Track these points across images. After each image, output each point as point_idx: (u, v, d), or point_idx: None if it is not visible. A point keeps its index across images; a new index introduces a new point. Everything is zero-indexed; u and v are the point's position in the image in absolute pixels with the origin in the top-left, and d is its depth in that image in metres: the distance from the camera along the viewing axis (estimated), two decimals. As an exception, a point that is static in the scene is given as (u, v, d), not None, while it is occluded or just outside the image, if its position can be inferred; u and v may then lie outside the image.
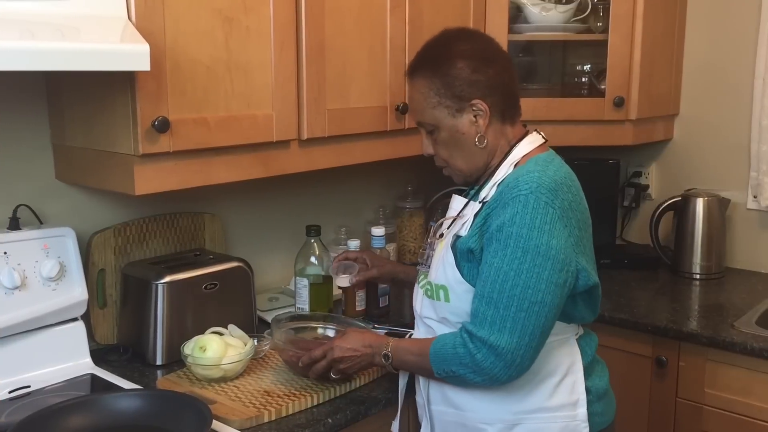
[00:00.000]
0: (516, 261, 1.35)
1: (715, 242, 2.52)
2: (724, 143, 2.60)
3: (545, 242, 1.35)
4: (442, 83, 1.46)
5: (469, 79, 1.45)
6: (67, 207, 1.80)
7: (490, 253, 1.38)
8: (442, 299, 1.48)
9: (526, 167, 1.44)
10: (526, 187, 1.37)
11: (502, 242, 1.36)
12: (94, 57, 1.30)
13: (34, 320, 1.64)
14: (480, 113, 1.46)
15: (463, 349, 1.39)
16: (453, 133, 1.49)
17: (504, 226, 1.36)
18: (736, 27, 2.54)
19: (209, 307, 1.82)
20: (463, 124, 1.47)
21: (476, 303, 1.39)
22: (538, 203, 1.36)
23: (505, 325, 1.35)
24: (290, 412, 1.55)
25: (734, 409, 2.01)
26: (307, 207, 2.34)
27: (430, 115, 1.49)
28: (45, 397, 1.57)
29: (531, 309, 1.35)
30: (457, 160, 1.52)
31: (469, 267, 1.44)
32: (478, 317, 1.38)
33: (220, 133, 1.63)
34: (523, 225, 1.35)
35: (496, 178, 1.47)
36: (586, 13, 2.41)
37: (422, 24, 2.07)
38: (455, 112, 1.47)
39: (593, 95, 2.53)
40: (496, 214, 1.39)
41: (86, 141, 1.64)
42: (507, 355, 1.36)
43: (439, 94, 1.46)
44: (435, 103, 1.47)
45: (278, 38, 1.71)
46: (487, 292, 1.37)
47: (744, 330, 2.02)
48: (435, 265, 1.52)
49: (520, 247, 1.35)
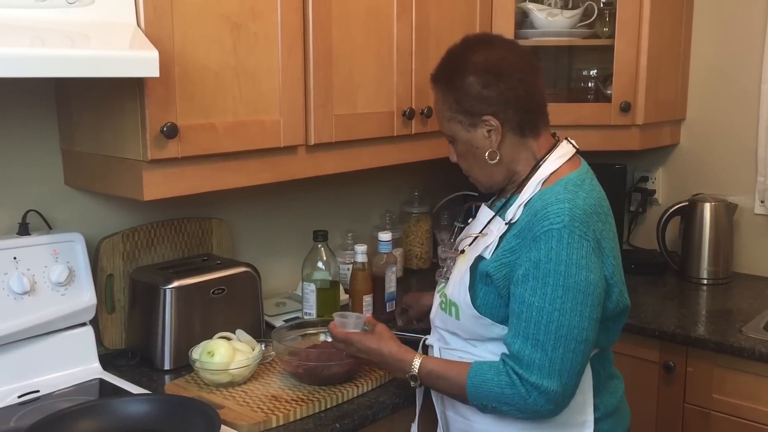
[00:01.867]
0: (558, 300, 1.32)
1: (723, 247, 2.51)
2: (731, 148, 2.60)
3: (584, 278, 1.33)
4: (454, 98, 1.45)
5: (479, 95, 1.42)
6: (76, 212, 1.81)
7: (528, 291, 1.34)
8: (453, 316, 1.48)
9: (554, 191, 1.39)
10: (558, 220, 1.33)
11: (540, 280, 1.33)
12: (103, 63, 1.31)
13: (43, 325, 1.65)
14: (492, 129, 1.43)
15: (511, 390, 1.35)
16: (468, 146, 1.48)
17: (540, 263, 1.33)
18: (742, 31, 2.53)
19: (217, 312, 1.83)
20: (477, 138, 1.46)
21: (520, 344, 1.35)
22: (572, 237, 1.33)
23: (555, 368, 1.33)
24: (298, 417, 1.55)
25: (742, 415, 2.00)
26: (314, 212, 2.35)
27: (447, 127, 1.49)
28: (54, 402, 1.58)
29: (577, 348, 1.34)
30: (476, 172, 1.51)
31: (485, 291, 1.41)
32: (525, 360, 1.34)
33: (228, 139, 1.63)
34: (560, 261, 1.32)
35: (522, 198, 1.43)
36: (592, 19, 2.41)
37: (429, 29, 2.08)
38: (468, 126, 1.45)
39: (600, 100, 2.53)
40: (526, 247, 1.36)
41: (95, 147, 1.65)
42: (558, 398, 1.35)
43: (452, 108, 1.46)
44: (449, 116, 1.47)
45: (286, 44, 1.72)
46: (531, 333, 1.34)
47: (752, 335, 2.01)
48: (453, 279, 1.50)
49: (560, 285, 1.32)
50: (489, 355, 1.45)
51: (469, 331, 1.46)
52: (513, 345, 1.36)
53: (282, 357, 1.69)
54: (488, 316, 1.41)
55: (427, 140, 2.14)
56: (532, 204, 1.40)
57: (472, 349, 1.48)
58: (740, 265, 2.60)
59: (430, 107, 2.08)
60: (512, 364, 1.36)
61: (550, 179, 1.43)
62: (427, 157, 2.17)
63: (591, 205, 1.38)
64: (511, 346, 1.36)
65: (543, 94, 1.48)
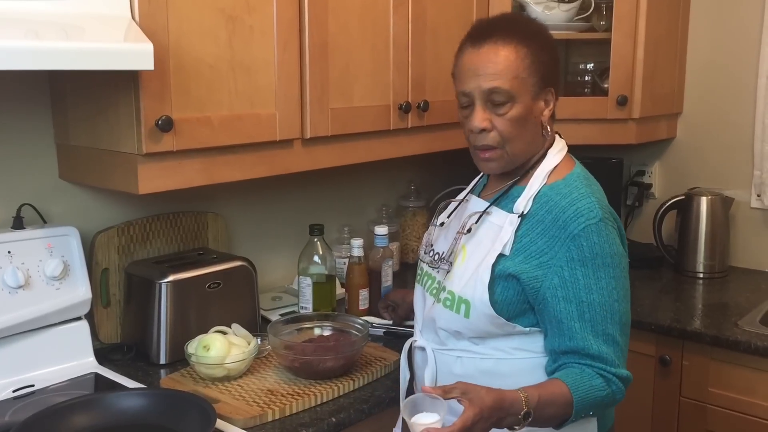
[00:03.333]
0: (614, 291, 1.36)
1: (719, 241, 2.51)
2: (728, 142, 2.60)
3: (624, 264, 1.39)
4: (536, 58, 1.38)
5: (555, 66, 1.42)
6: (71, 206, 1.81)
7: (583, 291, 1.34)
8: (462, 314, 1.42)
9: (571, 185, 1.40)
10: (593, 215, 1.35)
11: (592, 277, 1.34)
12: (97, 56, 1.31)
13: (37, 319, 1.64)
14: (549, 102, 1.42)
15: (609, 389, 1.36)
16: (526, 113, 1.40)
17: (587, 260, 1.34)
18: (739, 25, 2.53)
19: (213, 306, 1.82)
20: (537, 108, 1.41)
21: (595, 343, 1.34)
22: (608, 229, 1.36)
23: (625, 355, 1.39)
24: (294, 411, 1.55)
25: (738, 408, 2.00)
26: (310, 206, 2.34)
27: (515, 84, 1.37)
28: (49, 396, 1.58)
29: (628, 332, 1.41)
30: (517, 142, 1.41)
31: (504, 287, 1.39)
32: (609, 357, 1.35)
33: (223, 133, 1.63)
34: (606, 255, 1.35)
35: (531, 190, 1.41)
36: (589, 12, 2.41)
37: (425, 23, 2.07)
38: (535, 94, 1.40)
39: (596, 94, 2.53)
40: (562, 246, 1.35)
41: (90, 140, 1.64)
42: (629, 381, 1.40)
43: (530, 67, 1.37)
44: (525, 74, 1.37)
45: (281, 37, 1.71)
46: (601, 329, 1.35)
47: (748, 329, 2.02)
48: (460, 275, 1.44)
49: (611, 276, 1.35)
50: (493, 352, 1.43)
51: (476, 330, 1.43)
52: (590, 348, 1.35)
53: (278, 351, 1.69)
54: (504, 313, 1.39)
55: (423, 134, 2.14)
56: (546, 197, 1.39)
57: (475, 348, 1.44)
58: (736, 259, 2.60)
59: (426, 101, 2.08)
60: (601, 365, 1.36)
61: (555, 173, 1.43)
62: (424, 151, 2.17)
63: (604, 197, 1.43)
64: (588, 349, 1.35)
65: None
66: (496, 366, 1.43)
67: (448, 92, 2.00)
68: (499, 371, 1.43)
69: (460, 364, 1.46)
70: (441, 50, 2.12)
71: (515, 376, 1.42)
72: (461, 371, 1.46)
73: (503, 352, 1.43)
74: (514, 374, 1.42)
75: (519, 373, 1.42)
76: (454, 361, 1.47)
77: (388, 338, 1.92)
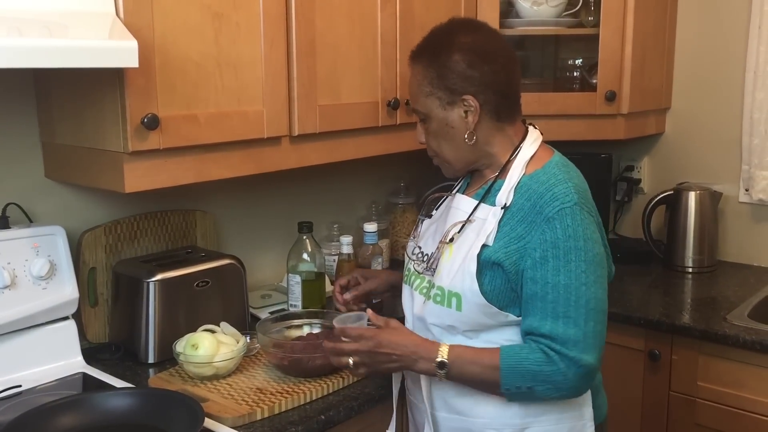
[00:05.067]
0: (583, 275, 1.35)
1: (708, 236, 2.52)
2: (716, 137, 2.61)
3: (598, 251, 1.39)
4: (436, 74, 1.45)
5: (464, 74, 1.43)
6: (57, 205, 1.79)
7: (551, 272, 1.35)
8: (454, 307, 1.43)
9: (549, 173, 1.42)
10: (568, 199, 1.37)
11: (561, 259, 1.35)
12: (81, 54, 1.29)
13: (24, 319, 1.63)
14: (470, 109, 1.44)
15: (549, 367, 1.35)
16: (442, 125, 1.48)
17: (558, 241, 1.35)
18: (727, 20, 2.54)
19: (201, 305, 1.82)
20: (452, 117, 1.46)
21: (551, 324, 1.35)
22: (583, 213, 1.38)
23: (589, 342, 1.36)
24: (283, 410, 1.54)
25: (727, 402, 2.01)
26: (299, 203, 2.34)
27: (423, 103, 1.49)
28: (36, 397, 1.57)
29: (603, 320, 1.39)
30: (445, 152, 1.51)
31: (491, 276, 1.40)
32: (560, 338, 1.34)
33: (210, 130, 1.62)
34: (578, 237, 1.35)
35: (511, 182, 1.44)
36: (577, 8, 2.41)
37: (413, 19, 2.07)
38: (446, 104, 1.46)
39: (585, 89, 2.53)
40: (537, 229, 1.37)
41: (75, 139, 1.63)
42: (594, 371, 1.38)
43: (432, 84, 1.46)
44: (428, 92, 1.47)
45: (268, 34, 1.70)
46: (561, 311, 1.35)
47: (736, 323, 2.03)
48: (448, 270, 1.45)
49: (582, 260, 1.35)
50: (489, 345, 1.42)
51: (469, 322, 1.43)
52: (542, 327, 1.36)
53: (267, 349, 1.68)
54: (495, 302, 1.40)
55: (412, 131, 2.09)
56: (526, 187, 1.42)
57: (469, 342, 1.44)
58: (725, 254, 2.61)
59: (414, 97, 2.07)
60: (547, 341, 1.36)
61: (533, 162, 1.46)
62: (413, 147, 2.15)
63: (581, 182, 1.45)
64: (540, 328, 1.36)
65: (519, 85, 1.51)
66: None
67: (436, 88, 1.99)
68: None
69: None
70: None
71: None
72: None
73: (497, 344, 1.42)
74: None
75: None
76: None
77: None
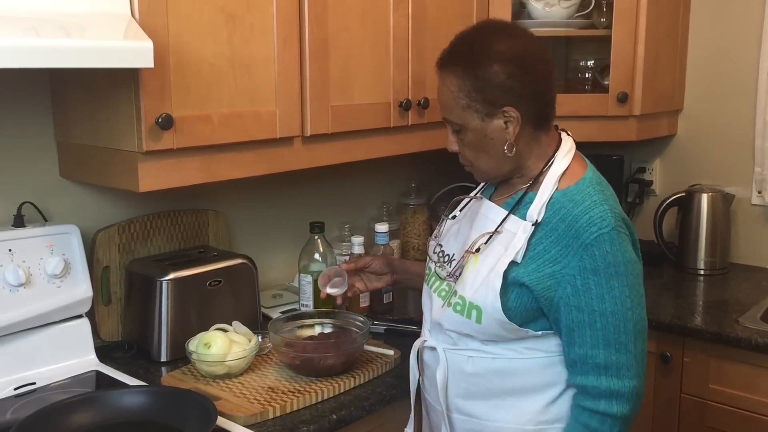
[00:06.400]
0: (627, 300, 1.34)
1: (720, 238, 2.51)
2: (729, 139, 2.60)
3: (638, 271, 1.37)
4: (473, 86, 1.37)
5: (504, 85, 1.36)
6: (72, 204, 1.81)
7: (595, 300, 1.33)
8: (473, 319, 1.40)
9: (584, 191, 1.38)
10: (605, 224, 1.33)
11: (604, 286, 1.33)
12: (97, 54, 1.30)
13: (39, 317, 1.64)
14: (511, 120, 1.38)
15: (593, 419, 1.37)
16: (480, 137, 1.41)
17: (599, 269, 1.32)
18: (740, 22, 2.53)
19: (213, 304, 1.82)
20: (492, 129, 1.39)
21: (604, 353, 1.34)
22: (620, 236, 1.34)
23: (639, 364, 1.36)
24: (295, 409, 1.55)
25: (739, 405, 2.00)
26: (310, 204, 2.34)
27: (458, 115, 1.41)
28: (50, 394, 1.58)
29: (646, 337, 1.39)
30: (482, 163, 1.45)
31: (517, 294, 1.37)
32: (613, 366, 1.34)
33: (223, 130, 1.63)
34: (619, 263, 1.33)
35: (543, 197, 1.39)
36: (589, 9, 2.40)
37: (425, 20, 2.07)
38: (485, 116, 1.38)
39: (597, 91, 2.52)
40: (574, 255, 1.33)
41: (90, 138, 1.64)
42: (642, 390, 1.38)
43: (470, 96, 1.38)
44: (464, 104, 1.39)
45: (281, 35, 1.71)
46: (613, 338, 1.33)
47: (749, 326, 2.02)
48: (472, 281, 1.42)
49: (625, 284, 1.34)
50: (505, 352, 1.41)
51: (488, 334, 1.41)
52: (597, 356, 1.34)
53: (279, 348, 1.69)
54: (515, 320, 1.37)
55: (423, 131, 2.14)
56: (559, 204, 1.37)
57: (485, 347, 1.43)
58: (737, 256, 2.60)
59: (426, 98, 2.08)
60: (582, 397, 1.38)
61: (566, 177, 1.41)
62: (424, 148, 2.17)
63: (617, 202, 1.41)
64: (595, 357, 1.34)
65: (555, 91, 1.45)
66: (508, 365, 1.42)
67: (448, 89, 1.99)
68: (511, 370, 1.42)
69: (472, 364, 1.45)
70: (441, 47, 2.06)
71: (527, 374, 1.42)
72: (473, 370, 1.45)
73: (515, 351, 1.41)
74: (525, 373, 1.42)
75: (531, 371, 1.42)
76: (466, 360, 1.45)
77: (389, 335, 1.92)
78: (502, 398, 1.43)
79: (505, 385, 1.43)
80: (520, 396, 1.42)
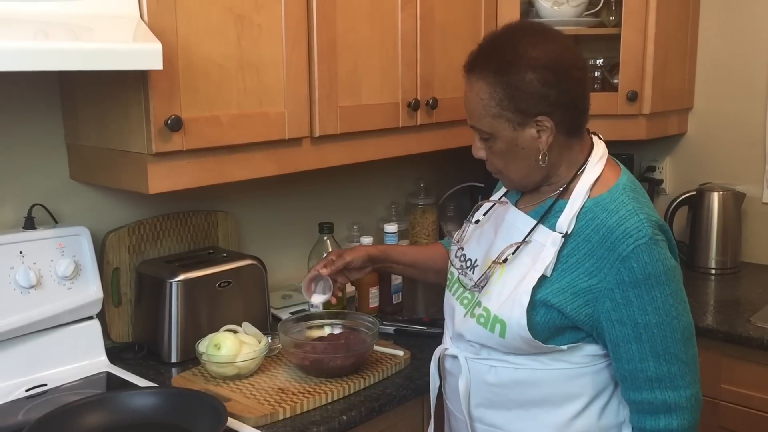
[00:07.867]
0: (672, 309, 1.30)
1: (731, 237, 2.50)
2: (739, 137, 2.58)
3: (678, 277, 1.33)
4: (505, 94, 1.30)
5: (537, 94, 1.29)
6: (82, 206, 1.81)
7: (638, 312, 1.29)
8: (497, 333, 1.36)
9: (617, 199, 1.33)
10: (642, 234, 1.28)
11: (646, 297, 1.28)
12: (107, 56, 1.31)
13: (49, 319, 1.65)
14: (544, 129, 1.32)
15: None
16: (511, 146, 1.35)
17: (639, 281, 1.28)
18: (750, 19, 2.51)
19: (223, 305, 1.83)
20: (523, 138, 1.33)
21: (654, 365, 1.30)
22: (658, 246, 1.29)
23: (692, 369, 1.33)
24: (305, 410, 1.55)
25: (751, 405, 1.99)
26: (319, 204, 2.34)
27: (488, 123, 1.34)
28: (61, 396, 1.59)
29: (695, 341, 1.35)
30: (512, 172, 1.39)
31: (545, 312, 1.33)
32: (666, 378, 1.30)
33: (232, 131, 1.63)
34: (659, 273, 1.29)
35: (574, 207, 1.34)
36: (598, 7, 2.40)
37: (434, 20, 2.07)
38: (517, 125, 1.32)
39: (606, 89, 2.51)
40: (611, 268, 1.29)
41: (100, 140, 1.64)
42: (700, 397, 1.34)
43: (501, 105, 1.31)
44: (495, 113, 1.32)
45: (290, 36, 1.71)
46: (661, 349, 1.30)
47: (760, 325, 2.01)
48: (498, 294, 1.37)
49: (667, 293, 1.30)
50: (528, 362, 1.38)
51: (511, 347, 1.37)
52: (647, 369, 1.30)
53: (288, 349, 1.69)
54: (540, 336, 1.33)
55: (432, 131, 2.13)
56: (592, 214, 1.33)
57: (508, 358, 1.40)
58: (748, 255, 2.58)
59: (435, 98, 2.07)
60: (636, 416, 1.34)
61: (599, 184, 1.37)
62: (433, 148, 2.16)
63: (652, 209, 1.36)
64: (646, 370, 1.30)
65: (589, 97, 1.39)
66: (531, 375, 1.39)
67: (456, 89, 2.00)
68: (534, 380, 1.39)
69: (494, 373, 1.42)
70: (449, 47, 2.11)
71: (550, 385, 1.39)
72: (495, 380, 1.42)
73: (539, 362, 1.38)
74: (549, 383, 1.39)
75: (555, 382, 1.39)
76: (488, 370, 1.43)
77: (399, 336, 1.92)
78: (525, 409, 1.40)
79: (528, 396, 1.40)
80: (543, 407, 1.39)
